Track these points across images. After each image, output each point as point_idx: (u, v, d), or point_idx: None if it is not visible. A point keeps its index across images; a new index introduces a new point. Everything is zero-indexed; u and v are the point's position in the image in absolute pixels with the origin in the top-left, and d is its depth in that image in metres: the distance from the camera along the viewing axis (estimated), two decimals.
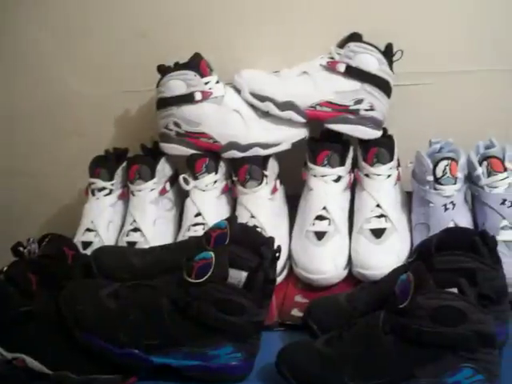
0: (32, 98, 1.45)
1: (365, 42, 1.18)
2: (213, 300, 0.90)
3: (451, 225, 1.09)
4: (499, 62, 1.27)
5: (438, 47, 1.27)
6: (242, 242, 0.98)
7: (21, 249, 1.03)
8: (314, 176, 1.19)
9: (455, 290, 0.87)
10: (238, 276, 0.94)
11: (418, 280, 0.85)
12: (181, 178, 1.23)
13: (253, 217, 1.18)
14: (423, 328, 0.82)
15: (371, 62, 1.17)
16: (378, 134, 1.21)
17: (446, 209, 1.11)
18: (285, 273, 1.17)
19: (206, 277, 0.89)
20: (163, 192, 1.26)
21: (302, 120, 1.21)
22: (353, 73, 1.18)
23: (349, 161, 1.21)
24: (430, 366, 0.83)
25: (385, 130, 1.23)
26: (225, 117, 1.21)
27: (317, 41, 1.24)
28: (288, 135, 1.22)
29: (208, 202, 1.21)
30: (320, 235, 1.15)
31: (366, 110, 1.19)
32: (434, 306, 0.83)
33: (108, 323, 0.92)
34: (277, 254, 0.98)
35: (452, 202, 1.11)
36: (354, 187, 1.22)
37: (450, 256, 0.93)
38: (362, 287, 1.04)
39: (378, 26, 1.21)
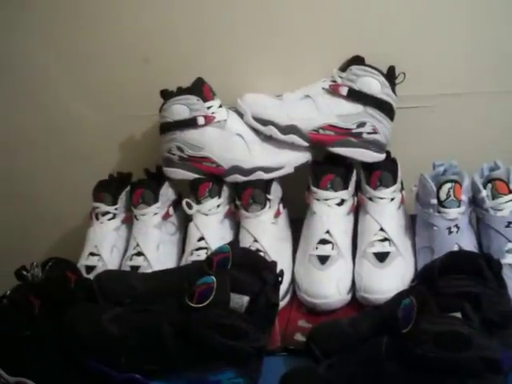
0: (36, 123, 1.46)
1: (367, 65, 1.18)
2: (214, 325, 0.89)
3: (455, 248, 1.09)
4: (502, 83, 1.27)
5: (440, 69, 1.27)
6: (245, 266, 0.98)
7: (24, 273, 1.04)
8: (317, 200, 1.18)
9: (459, 315, 0.86)
10: (240, 300, 0.93)
11: (421, 304, 0.85)
12: (184, 202, 1.22)
13: (256, 241, 1.17)
14: (427, 353, 0.81)
15: (374, 84, 1.17)
16: (381, 157, 1.21)
17: (451, 232, 1.11)
18: (288, 297, 1.16)
19: (207, 301, 0.89)
20: (166, 216, 1.26)
21: (305, 144, 1.20)
22: (355, 96, 1.18)
23: (352, 184, 1.21)
24: None
25: (388, 153, 1.23)
26: (228, 141, 1.22)
27: (319, 64, 1.24)
28: (291, 159, 1.22)
29: (211, 227, 1.21)
30: (323, 259, 1.14)
31: (369, 133, 1.19)
32: (437, 330, 0.82)
33: (109, 348, 0.92)
34: (279, 279, 0.98)
35: (456, 225, 1.11)
36: (357, 211, 1.21)
37: (454, 280, 0.92)
38: (365, 312, 1.04)
39: (379, 49, 1.22)
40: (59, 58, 1.40)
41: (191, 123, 1.21)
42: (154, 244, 1.23)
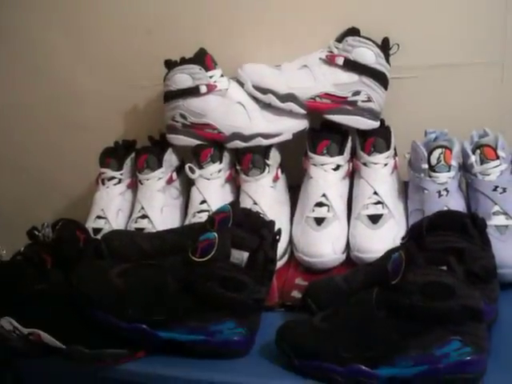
0: (41, 96, 1.49)
1: (362, 37, 1.21)
2: (216, 277, 0.94)
3: None
4: (492, 55, 1.29)
5: (432, 41, 1.30)
6: (244, 225, 1.02)
7: (36, 232, 1.07)
8: (314, 165, 1.22)
9: (444, 268, 0.91)
10: (240, 256, 0.98)
11: (409, 258, 0.89)
12: (187, 167, 1.26)
13: (255, 204, 1.21)
14: (414, 302, 0.86)
15: (368, 55, 1.21)
16: (375, 124, 1.24)
17: (440, 195, 1.15)
18: (286, 257, 1.20)
19: (209, 256, 0.93)
20: (170, 181, 1.30)
21: (303, 111, 1.24)
22: (351, 66, 1.21)
23: (347, 150, 1.24)
24: (420, 338, 0.87)
25: (382, 121, 1.26)
26: (229, 109, 1.25)
27: (316, 35, 1.27)
28: (289, 126, 1.26)
29: (212, 190, 1.25)
30: (319, 221, 1.18)
31: (364, 101, 1.22)
32: (423, 281, 0.86)
33: (117, 300, 0.96)
34: (277, 237, 1.02)
35: (446, 189, 1.15)
36: (352, 175, 1.25)
37: (441, 236, 0.96)
38: (357, 269, 1.08)
39: (374, 20, 1.25)
40: (62, 30, 1.44)
41: (194, 91, 1.25)
42: (158, 207, 1.27)
